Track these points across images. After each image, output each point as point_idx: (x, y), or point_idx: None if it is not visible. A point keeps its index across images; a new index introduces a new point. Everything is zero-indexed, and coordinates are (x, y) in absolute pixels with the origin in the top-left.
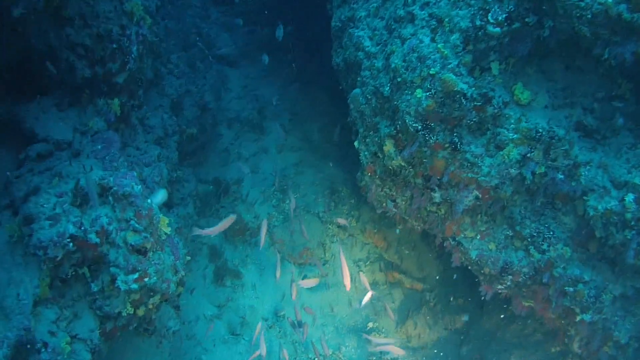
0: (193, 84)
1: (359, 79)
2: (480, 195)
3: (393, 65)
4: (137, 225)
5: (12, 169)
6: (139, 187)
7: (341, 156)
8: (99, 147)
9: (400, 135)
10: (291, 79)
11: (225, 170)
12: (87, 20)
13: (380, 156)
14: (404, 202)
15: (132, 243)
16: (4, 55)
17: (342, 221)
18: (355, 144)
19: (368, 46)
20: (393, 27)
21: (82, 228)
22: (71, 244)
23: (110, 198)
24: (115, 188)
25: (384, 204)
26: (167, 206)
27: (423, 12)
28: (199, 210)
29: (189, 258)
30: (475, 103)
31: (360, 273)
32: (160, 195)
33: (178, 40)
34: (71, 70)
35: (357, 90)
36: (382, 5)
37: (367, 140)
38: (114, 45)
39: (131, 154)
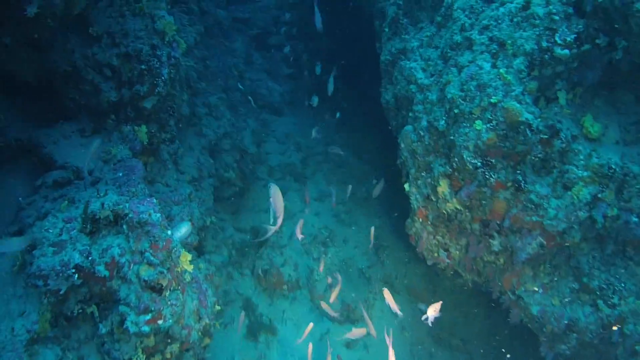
0: (233, 127)
1: (410, 114)
2: (544, 242)
3: (449, 96)
4: (152, 258)
5: (28, 196)
6: (158, 215)
7: (386, 209)
8: (120, 174)
9: (456, 174)
10: (337, 126)
11: (264, 219)
12: (116, 39)
13: (434, 199)
14: (458, 252)
15: (146, 278)
16: (25, 74)
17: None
18: (405, 186)
19: (421, 78)
20: (449, 55)
21: (90, 258)
22: (76, 276)
23: (124, 226)
24: (130, 215)
25: (436, 254)
26: (198, 251)
27: (482, 36)
28: (235, 260)
29: (219, 308)
30: (541, 136)
31: (384, 290)
32: (184, 228)
33: (218, 82)
34: (96, 93)
35: (408, 127)
36: (437, 33)
37: (419, 181)
38: (143, 67)
39: (159, 191)
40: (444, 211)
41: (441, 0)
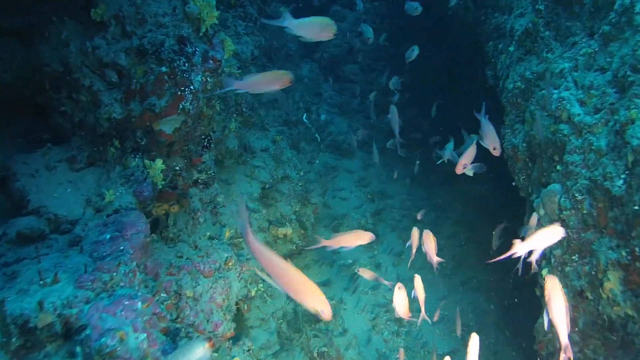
0: (294, 170)
1: (558, 167)
2: None
3: (635, 143)
4: None
5: None
6: (140, 338)
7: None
8: (107, 236)
9: (638, 265)
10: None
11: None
12: (127, 27)
13: (591, 297)
14: None
15: None
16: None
17: None
18: (544, 274)
19: (579, 115)
20: (629, 79)
21: None
22: None
23: (77, 348)
24: (88, 332)
25: None
26: (234, 337)
27: None
28: (285, 337)
29: None
30: None
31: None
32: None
33: (278, 112)
34: (94, 106)
35: (554, 187)
36: (603, 49)
37: (567, 268)
38: (163, 69)
39: (183, 254)
40: (606, 317)
41: (609, 3)
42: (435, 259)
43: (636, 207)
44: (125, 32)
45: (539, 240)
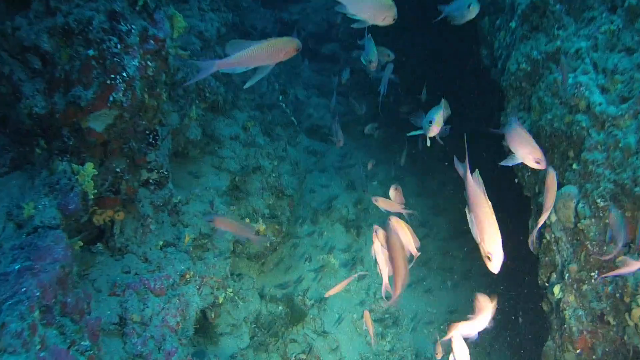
0: (267, 159)
1: (575, 166)
2: None
3: None
4: None
5: None
6: None
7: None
8: (17, 266)
9: None
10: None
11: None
12: (51, 1)
13: (613, 322)
14: None
15: None
16: None
17: None
18: (555, 291)
19: (600, 103)
20: None
21: None
22: None
23: None
24: None
25: None
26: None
27: None
28: (259, 341)
29: None
30: None
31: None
32: None
33: (251, 95)
34: (15, 99)
35: (569, 189)
36: (629, 25)
37: (585, 288)
38: (90, 52)
39: (131, 269)
40: (632, 348)
41: None
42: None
43: None
44: (49, 7)
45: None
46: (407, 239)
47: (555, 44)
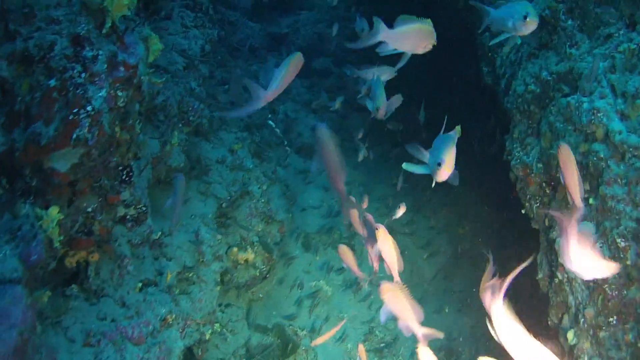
0: (256, 183)
1: (591, 200)
2: None
3: None
4: None
5: None
6: None
7: None
8: None
9: None
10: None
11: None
12: (10, 24)
13: None
14: None
15: None
16: None
17: None
18: (569, 336)
19: (620, 132)
20: None
21: None
22: None
23: None
24: None
25: None
26: None
27: None
28: None
29: None
30: None
31: None
32: None
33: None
34: None
35: (585, 226)
36: None
37: (603, 334)
38: (52, 82)
39: (107, 315)
40: None
41: None
42: (396, 276)
43: None
44: (7, 31)
45: None
46: (391, 259)
47: (568, 63)
